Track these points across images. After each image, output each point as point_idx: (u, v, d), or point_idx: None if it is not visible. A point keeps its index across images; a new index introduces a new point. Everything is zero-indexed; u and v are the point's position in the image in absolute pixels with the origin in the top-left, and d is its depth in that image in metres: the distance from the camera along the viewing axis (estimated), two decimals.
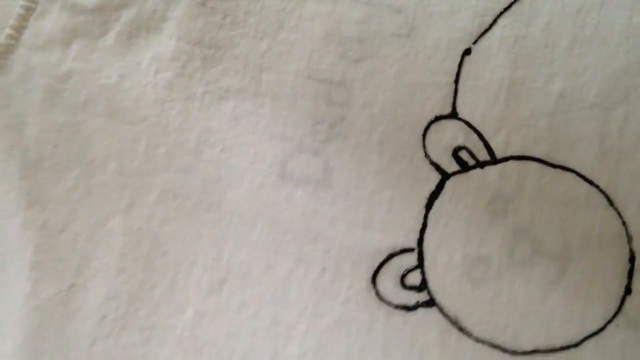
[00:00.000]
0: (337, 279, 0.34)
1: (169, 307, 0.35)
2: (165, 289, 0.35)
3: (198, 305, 0.35)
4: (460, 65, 0.35)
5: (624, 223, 0.32)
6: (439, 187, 0.34)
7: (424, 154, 0.35)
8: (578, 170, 0.33)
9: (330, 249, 0.35)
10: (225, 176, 0.37)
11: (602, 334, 0.31)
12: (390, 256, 0.34)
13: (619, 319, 0.31)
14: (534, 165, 0.34)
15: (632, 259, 0.32)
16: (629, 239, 0.32)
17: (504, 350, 0.32)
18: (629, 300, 0.31)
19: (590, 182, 0.33)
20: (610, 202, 0.32)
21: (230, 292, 0.35)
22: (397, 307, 0.33)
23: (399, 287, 0.34)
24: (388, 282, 0.34)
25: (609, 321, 0.31)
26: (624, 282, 0.32)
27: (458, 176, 0.34)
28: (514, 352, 0.32)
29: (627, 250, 0.32)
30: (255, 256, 0.35)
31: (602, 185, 0.33)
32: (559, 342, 0.32)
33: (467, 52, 0.35)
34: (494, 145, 0.34)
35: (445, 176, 0.34)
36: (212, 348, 0.34)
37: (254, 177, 0.36)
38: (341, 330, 0.34)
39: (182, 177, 0.37)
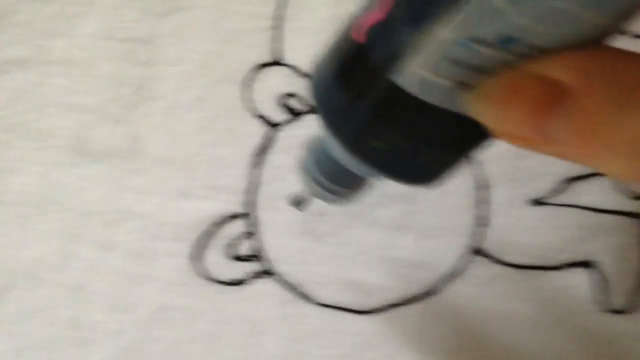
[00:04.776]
0: (153, 261, 0.28)
1: None
2: None
3: None
4: (281, 7, 0.31)
5: None
6: (268, 140, 0.29)
7: (247, 106, 0.30)
8: None
9: (143, 228, 0.28)
10: (7, 161, 0.30)
11: (467, 273, 0.27)
12: (215, 226, 0.28)
13: (480, 256, 0.27)
14: None
15: (485, 187, 0.28)
16: (479, 164, 0.28)
17: (351, 311, 0.26)
18: (490, 233, 0.27)
19: None
20: None
21: (18, 300, 0.27)
22: (227, 283, 0.27)
23: (227, 260, 0.28)
24: (214, 256, 0.28)
25: (471, 260, 0.27)
26: (476, 212, 0.27)
27: (289, 125, 0.29)
28: (364, 312, 0.26)
29: (473, 179, 0.28)
30: (48, 251, 0.28)
31: None
32: (414, 290, 0.27)
33: None
34: None
35: (272, 127, 0.30)
36: None
37: (44, 157, 0.30)
38: (160, 321, 0.27)
39: None
